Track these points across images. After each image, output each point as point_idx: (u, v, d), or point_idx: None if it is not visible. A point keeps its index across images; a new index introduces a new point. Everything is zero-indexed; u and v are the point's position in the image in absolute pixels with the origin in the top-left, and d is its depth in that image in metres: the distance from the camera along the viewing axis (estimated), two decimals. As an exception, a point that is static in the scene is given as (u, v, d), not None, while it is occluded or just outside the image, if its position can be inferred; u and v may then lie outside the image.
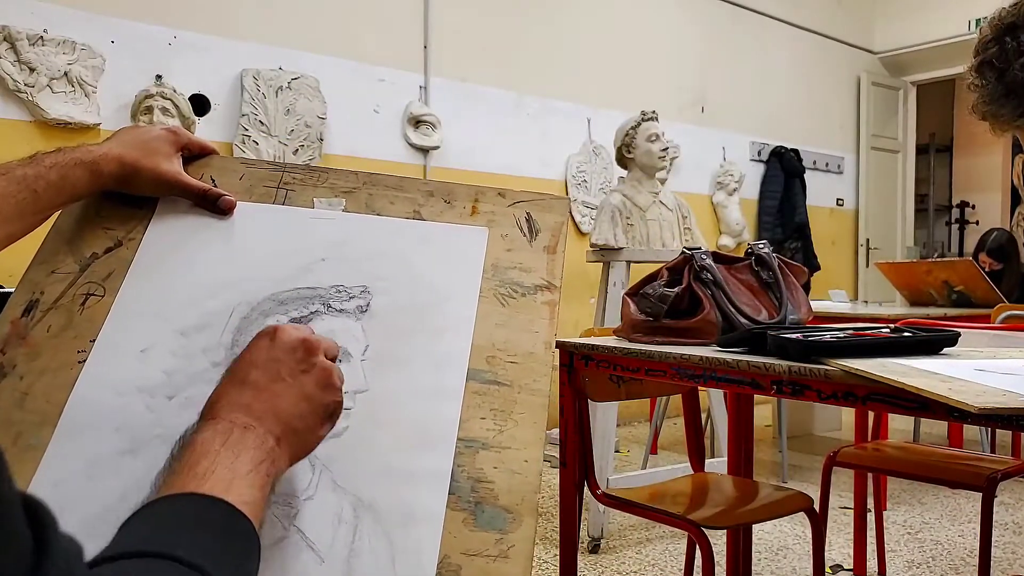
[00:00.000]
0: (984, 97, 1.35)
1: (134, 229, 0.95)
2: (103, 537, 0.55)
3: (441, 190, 1.02)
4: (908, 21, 7.18)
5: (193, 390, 0.82)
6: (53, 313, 0.88)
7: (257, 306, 0.89)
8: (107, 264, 0.92)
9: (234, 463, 0.64)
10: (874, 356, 1.27)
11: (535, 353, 0.90)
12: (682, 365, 1.44)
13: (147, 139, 0.95)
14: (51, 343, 0.86)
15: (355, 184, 1.02)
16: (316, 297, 0.90)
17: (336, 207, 0.99)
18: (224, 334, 0.87)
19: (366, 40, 4.35)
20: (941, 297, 3.96)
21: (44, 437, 0.79)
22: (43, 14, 3.38)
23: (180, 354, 0.85)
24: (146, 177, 0.93)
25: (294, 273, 0.92)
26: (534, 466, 0.82)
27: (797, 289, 1.75)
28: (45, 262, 0.92)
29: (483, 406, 0.85)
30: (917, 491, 3.70)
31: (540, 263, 0.97)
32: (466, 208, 1.01)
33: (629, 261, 3.30)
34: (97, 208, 0.96)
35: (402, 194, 1.02)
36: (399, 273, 0.93)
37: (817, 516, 1.96)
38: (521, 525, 0.78)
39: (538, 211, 1.01)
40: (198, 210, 0.96)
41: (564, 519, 1.75)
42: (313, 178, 1.02)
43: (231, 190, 0.98)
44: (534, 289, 0.95)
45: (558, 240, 0.99)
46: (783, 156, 6.45)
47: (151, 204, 0.97)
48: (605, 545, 3.00)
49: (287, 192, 1.00)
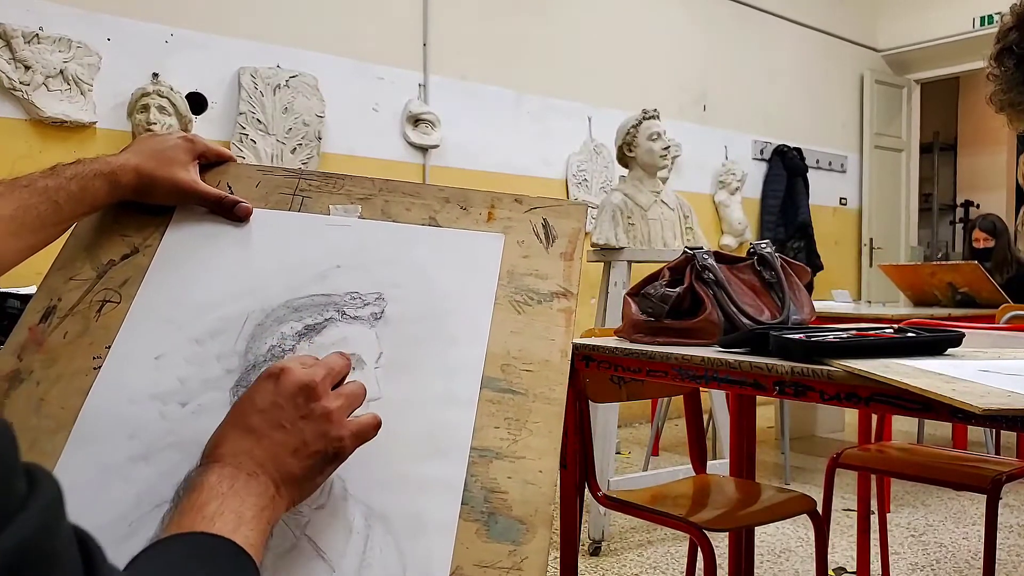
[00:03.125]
0: (1002, 86, 1.34)
1: (151, 236, 0.96)
2: (115, 543, 0.57)
3: (457, 196, 1.02)
4: (912, 19, 7.16)
5: (206, 397, 0.83)
6: (70, 319, 0.89)
7: (272, 313, 0.89)
8: (123, 271, 0.93)
9: (240, 507, 0.66)
10: (877, 357, 1.26)
11: (551, 361, 0.89)
12: (684, 366, 1.43)
13: (163, 148, 0.96)
14: (67, 349, 0.86)
15: (371, 191, 1.02)
16: (331, 304, 0.90)
17: (352, 214, 0.99)
18: (238, 341, 0.87)
19: (365, 38, 4.34)
20: (945, 298, 3.94)
21: (58, 443, 0.80)
22: (39, 12, 3.36)
23: (194, 361, 0.86)
24: (163, 186, 0.94)
25: (309, 280, 0.92)
26: (549, 476, 0.81)
27: (800, 289, 1.74)
28: (63, 269, 0.94)
29: (497, 415, 0.84)
30: (921, 493, 3.68)
31: (556, 270, 0.96)
32: (482, 214, 1.00)
33: (630, 261, 3.29)
34: (115, 215, 0.97)
35: (418, 200, 1.01)
36: (414, 280, 0.93)
37: (820, 518, 1.95)
38: (535, 537, 0.77)
39: (555, 217, 1.01)
40: (214, 217, 0.97)
41: (565, 521, 1.74)
42: (329, 184, 1.02)
43: (247, 197, 0.99)
44: (550, 296, 0.94)
45: (575, 247, 0.98)
46: (786, 155, 6.43)
47: (168, 211, 0.98)
48: (606, 547, 2.98)
49: (303, 199, 1.01)
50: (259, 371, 0.83)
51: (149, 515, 0.76)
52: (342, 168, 4.21)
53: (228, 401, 0.83)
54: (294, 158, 4.01)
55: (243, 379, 0.84)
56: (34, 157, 3.31)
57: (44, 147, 3.36)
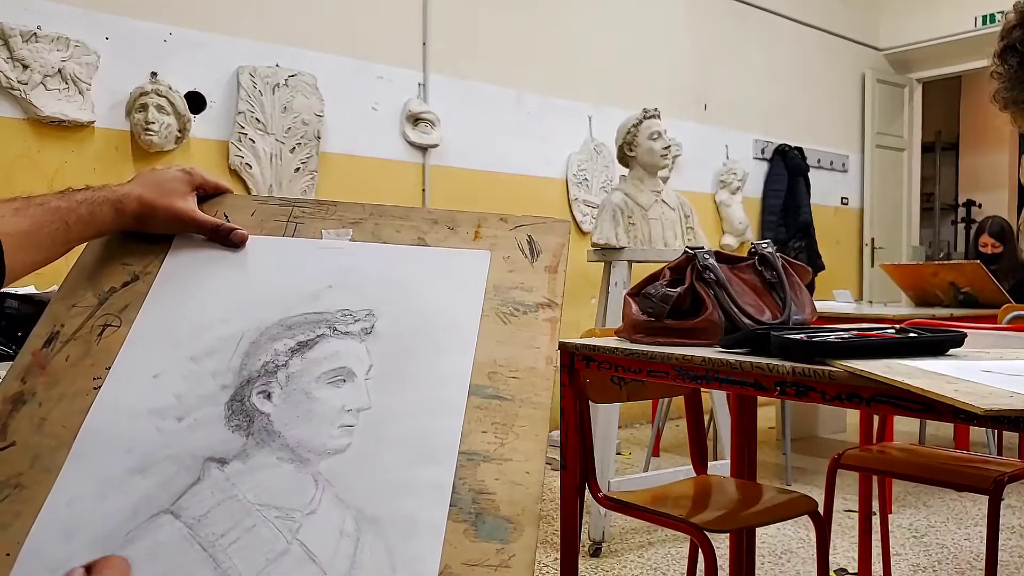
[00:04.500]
0: (1006, 83, 1.33)
1: (151, 264, 1.01)
2: (114, 552, 0.64)
3: (445, 218, 1.07)
4: (914, 17, 7.15)
5: (201, 412, 0.86)
6: (72, 344, 0.93)
7: (266, 331, 0.93)
8: (124, 297, 0.97)
9: None
10: (879, 357, 1.27)
11: (536, 368, 0.92)
12: (684, 366, 1.44)
13: (163, 180, 1.02)
14: (69, 371, 0.90)
15: (362, 215, 1.07)
16: (322, 321, 0.94)
17: (343, 237, 1.04)
18: (233, 358, 0.91)
19: (364, 37, 4.33)
20: (947, 298, 3.93)
21: (59, 460, 0.83)
22: (37, 10, 3.35)
23: (190, 378, 0.89)
24: (162, 215, 1.00)
25: (302, 300, 0.97)
26: (535, 477, 0.83)
27: (801, 289, 1.74)
28: (66, 297, 0.98)
29: (484, 420, 0.87)
30: (923, 494, 3.67)
31: (541, 282, 1.00)
32: (469, 233, 1.05)
33: (631, 261, 3.29)
34: (117, 245, 1.02)
35: (407, 223, 1.06)
36: (403, 297, 0.98)
37: (821, 519, 1.95)
38: (522, 535, 0.79)
39: (539, 234, 1.05)
40: (212, 245, 1.03)
41: (565, 522, 1.75)
42: (322, 211, 1.07)
43: (243, 225, 1.04)
44: (535, 307, 0.98)
45: (559, 260, 1.03)
46: (787, 154, 6.42)
47: (168, 240, 1.03)
48: (606, 549, 2.98)
49: (296, 225, 1.06)
50: (253, 385, 0.88)
51: (146, 524, 0.78)
52: (341, 167, 4.21)
53: (223, 414, 0.86)
54: (293, 157, 4.00)
55: (237, 393, 0.88)
56: (32, 156, 3.30)
57: (42, 146, 3.35)
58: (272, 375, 0.89)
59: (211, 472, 0.81)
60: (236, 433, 0.84)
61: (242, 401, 0.87)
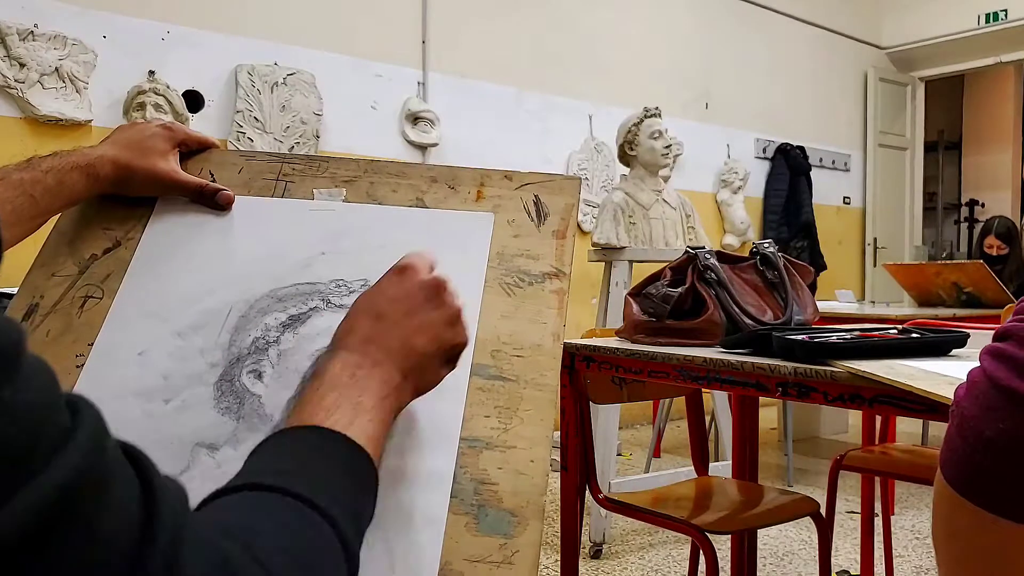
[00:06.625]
0: None
1: (132, 229, 0.95)
2: None
3: (445, 175, 1.00)
4: (916, 16, 7.13)
5: (189, 393, 0.82)
6: (52, 317, 0.88)
7: (255, 304, 0.88)
8: (106, 265, 0.92)
9: (360, 396, 0.66)
10: (881, 358, 1.26)
11: (543, 346, 0.86)
12: (685, 367, 1.43)
13: (141, 138, 0.94)
14: (50, 348, 0.85)
15: (356, 172, 1.00)
16: (315, 293, 0.89)
17: (336, 197, 0.98)
18: (222, 334, 0.86)
19: (363, 35, 4.32)
20: (950, 298, 3.91)
21: None
22: (34, 8, 3.35)
23: (177, 356, 0.85)
24: (141, 178, 0.93)
25: (293, 269, 0.91)
26: (540, 466, 0.79)
27: (803, 289, 1.74)
28: (45, 265, 0.92)
29: (487, 403, 0.82)
30: (925, 495, 3.65)
31: (548, 249, 0.94)
32: (471, 193, 0.99)
33: (631, 261, 3.28)
34: (97, 208, 0.96)
35: (404, 181, 1.00)
36: None
37: (823, 521, 1.95)
38: (527, 529, 0.75)
39: (547, 193, 0.98)
40: (197, 207, 0.96)
41: (565, 524, 1.74)
42: (313, 168, 1.01)
43: (229, 184, 0.97)
44: (542, 277, 0.92)
45: (568, 224, 0.96)
46: (789, 153, 6.41)
47: (150, 203, 0.96)
48: (607, 550, 2.97)
49: (287, 184, 0.99)
50: (243, 364, 0.83)
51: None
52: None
53: (212, 396, 0.82)
54: (292, 156, 3.99)
55: (227, 373, 0.83)
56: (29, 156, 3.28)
57: (39, 146, 3.34)
58: (263, 352, 0.84)
59: (200, 459, 0.78)
60: (226, 416, 0.80)
61: (232, 381, 0.83)
